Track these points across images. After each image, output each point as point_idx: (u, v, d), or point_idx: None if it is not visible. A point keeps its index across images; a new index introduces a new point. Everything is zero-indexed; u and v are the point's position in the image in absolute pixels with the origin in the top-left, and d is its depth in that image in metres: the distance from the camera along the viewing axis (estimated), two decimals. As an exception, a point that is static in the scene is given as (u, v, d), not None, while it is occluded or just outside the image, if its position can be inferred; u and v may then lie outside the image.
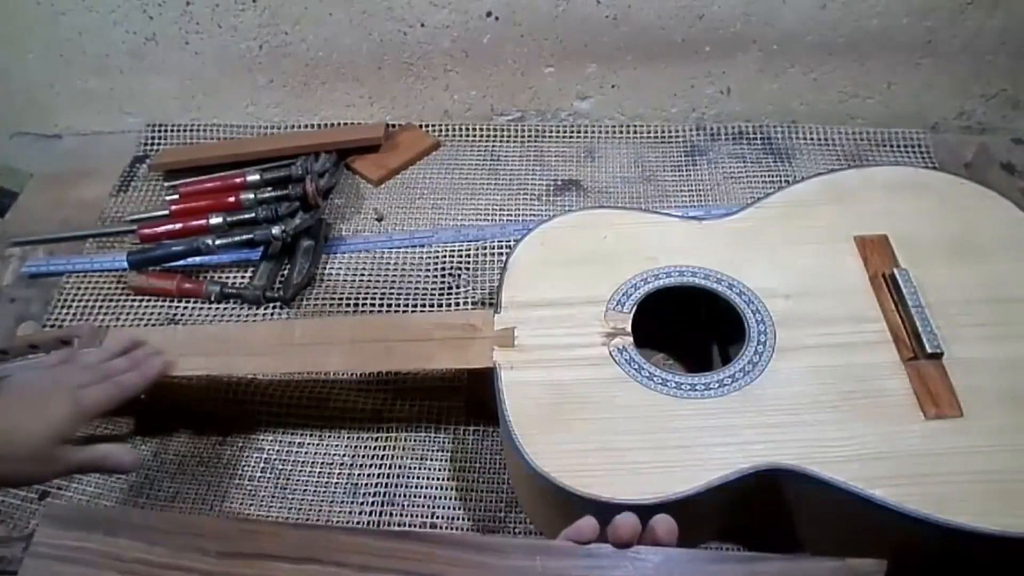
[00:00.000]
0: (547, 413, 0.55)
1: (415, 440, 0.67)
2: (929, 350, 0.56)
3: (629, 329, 0.61)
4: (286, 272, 0.79)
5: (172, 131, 0.96)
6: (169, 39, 0.89)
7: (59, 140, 1.00)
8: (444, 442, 0.66)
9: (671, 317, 0.65)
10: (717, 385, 0.57)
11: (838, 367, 0.57)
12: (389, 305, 0.76)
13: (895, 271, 0.61)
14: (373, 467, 0.65)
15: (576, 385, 0.57)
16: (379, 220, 0.85)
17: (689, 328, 0.68)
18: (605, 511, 0.50)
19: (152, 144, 0.96)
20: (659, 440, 0.54)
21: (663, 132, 0.92)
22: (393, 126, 0.95)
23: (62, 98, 0.96)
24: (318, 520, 0.62)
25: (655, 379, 0.57)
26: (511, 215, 0.85)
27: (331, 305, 0.77)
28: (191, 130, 0.96)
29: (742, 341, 0.59)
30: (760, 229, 0.66)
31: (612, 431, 0.54)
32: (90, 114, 0.98)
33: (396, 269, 0.80)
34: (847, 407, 0.55)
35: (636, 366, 0.58)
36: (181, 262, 0.80)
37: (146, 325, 0.76)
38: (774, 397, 0.56)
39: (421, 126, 0.95)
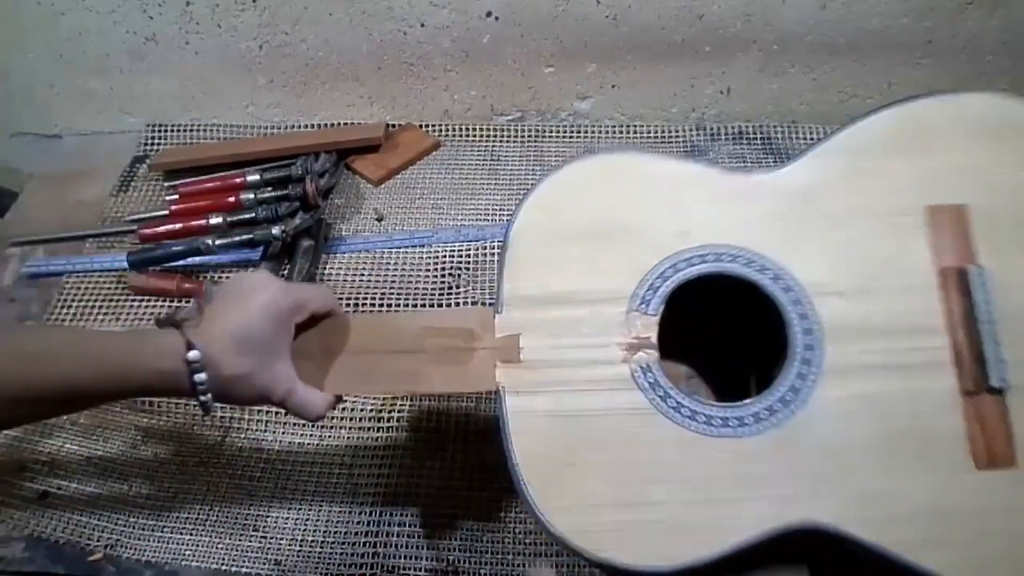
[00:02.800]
0: (558, 453, 0.48)
1: (415, 440, 0.67)
2: (992, 383, 0.48)
3: (655, 339, 0.51)
4: (286, 272, 0.79)
5: (172, 131, 0.96)
6: (169, 39, 0.89)
7: (59, 140, 1.00)
8: (444, 442, 0.66)
9: (698, 311, 0.56)
10: (752, 420, 0.48)
11: (891, 397, 0.48)
12: (389, 305, 0.76)
13: (968, 268, 0.50)
14: (373, 467, 0.65)
15: (591, 418, 0.49)
16: (379, 220, 0.85)
17: (717, 324, 0.60)
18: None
19: (152, 144, 0.96)
20: (685, 492, 0.47)
21: (663, 132, 0.92)
22: (393, 126, 0.95)
23: (62, 98, 0.96)
24: (318, 520, 0.62)
25: (683, 410, 0.49)
26: (511, 215, 0.84)
27: (331, 305, 0.77)
28: (191, 130, 0.96)
29: (782, 347, 0.51)
30: (816, 190, 0.54)
31: (631, 479, 0.48)
32: (90, 114, 0.98)
33: (396, 269, 0.80)
34: (894, 452, 0.47)
35: (662, 392, 0.50)
36: (181, 262, 0.80)
37: (146, 326, 0.76)
38: (816, 438, 0.48)
39: (421, 126, 0.95)
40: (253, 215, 0.80)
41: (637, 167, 0.56)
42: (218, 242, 0.79)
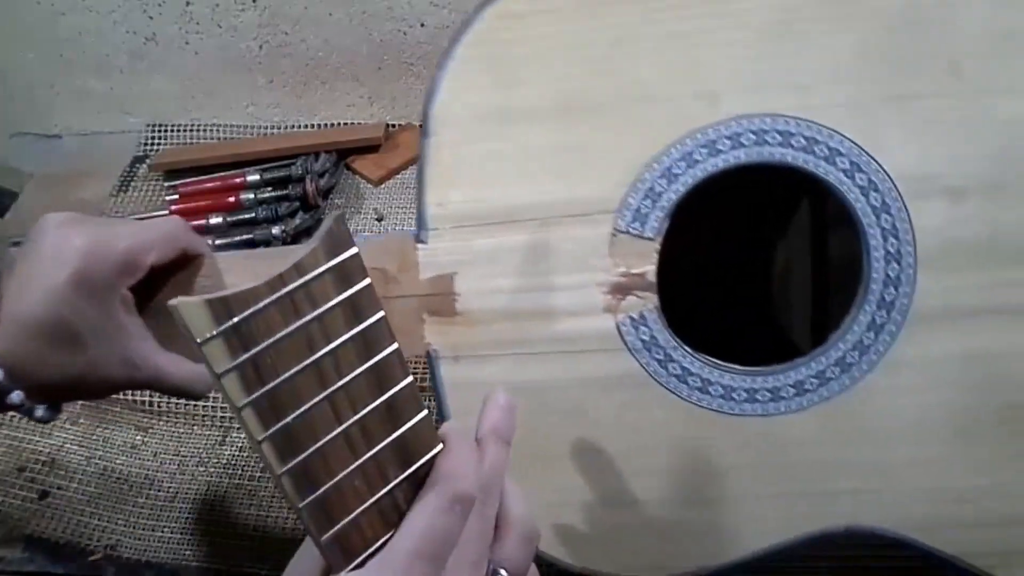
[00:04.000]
0: (515, 441, 0.33)
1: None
2: None
3: (653, 276, 0.34)
4: (286, 272, 0.79)
5: (172, 131, 0.96)
6: (169, 39, 0.89)
7: (59, 140, 1.00)
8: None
9: (713, 223, 0.39)
10: (793, 392, 0.34)
11: (1008, 358, 0.32)
12: (389, 305, 0.76)
13: None
14: (373, 467, 0.65)
15: (561, 392, 0.36)
16: (379, 220, 0.85)
17: (738, 242, 0.42)
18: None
19: (152, 144, 0.96)
20: (690, 488, 0.35)
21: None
22: (393, 126, 0.95)
23: (62, 98, 0.96)
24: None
25: (691, 379, 0.34)
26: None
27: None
28: (191, 130, 0.96)
29: (849, 281, 0.34)
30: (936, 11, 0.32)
31: (618, 472, 0.36)
32: (90, 114, 0.98)
33: (396, 269, 0.79)
34: (997, 436, 0.32)
35: (661, 354, 0.34)
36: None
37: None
38: (885, 416, 0.33)
39: (421, 126, 0.94)
40: (253, 215, 0.80)
41: None
42: (218, 242, 0.79)
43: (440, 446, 0.27)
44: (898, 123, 0.32)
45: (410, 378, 0.26)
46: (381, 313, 0.26)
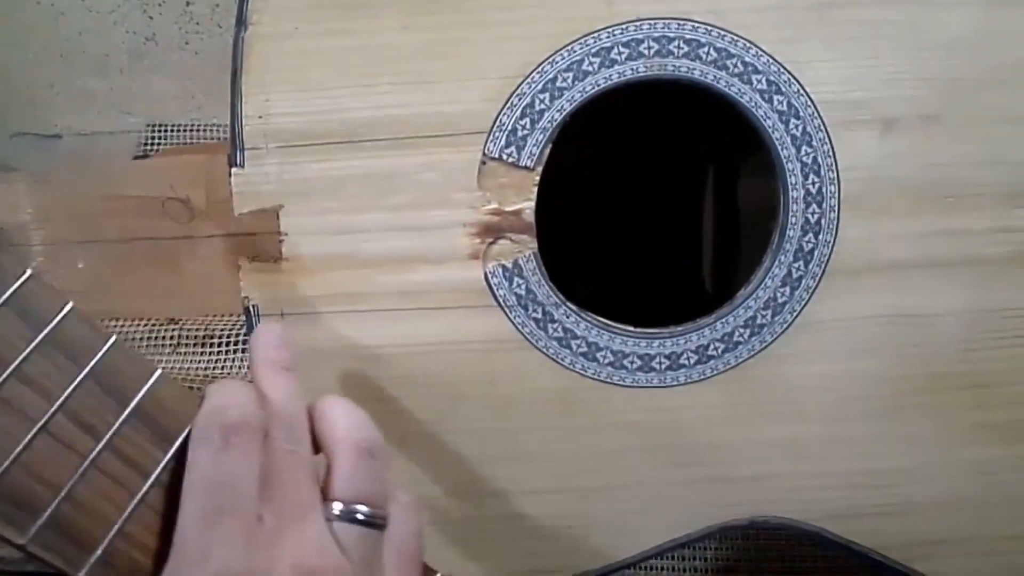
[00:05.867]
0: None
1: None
2: None
3: (531, 214, 0.28)
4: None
5: (172, 131, 0.96)
6: (169, 39, 0.89)
7: (59, 140, 1.00)
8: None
9: (605, 151, 0.33)
10: (694, 358, 0.28)
11: (944, 320, 0.28)
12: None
13: None
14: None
15: (415, 358, 0.29)
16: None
17: (635, 175, 0.36)
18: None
19: (152, 144, 0.96)
20: (573, 474, 0.29)
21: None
22: (393, 126, 0.95)
23: (62, 98, 0.96)
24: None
25: (575, 343, 0.28)
26: None
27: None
28: (191, 130, 0.96)
29: (762, 225, 0.30)
30: None
31: (485, 456, 0.30)
32: (90, 114, 0.98)
33: (396, 269, 0.79)
34: (930, 411, 0.28)
35: (539, 312, 0.28)
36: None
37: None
38: (801, 386, 0.29)
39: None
40: (253, 215, 0.80)
41: None
42: (218, 242, 0.78)
43: None
44: (825, 35, 0.27)
45: (113, 338, 0.20)
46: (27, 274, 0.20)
